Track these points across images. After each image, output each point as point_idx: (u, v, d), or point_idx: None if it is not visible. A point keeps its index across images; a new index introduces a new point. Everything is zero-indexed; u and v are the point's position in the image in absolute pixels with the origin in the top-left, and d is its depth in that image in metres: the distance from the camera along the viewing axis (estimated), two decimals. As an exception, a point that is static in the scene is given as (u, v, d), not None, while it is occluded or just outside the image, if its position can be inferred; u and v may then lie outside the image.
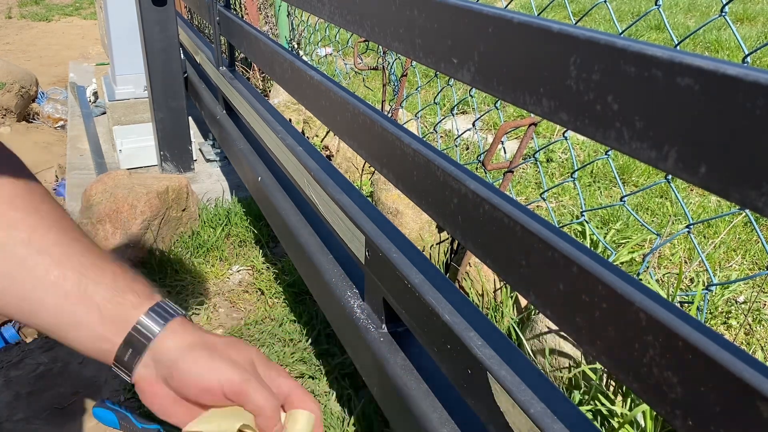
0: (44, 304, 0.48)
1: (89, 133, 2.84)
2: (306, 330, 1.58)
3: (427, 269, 0.79)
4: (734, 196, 0.33)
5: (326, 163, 1.13)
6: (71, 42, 5.59)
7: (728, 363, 0.36)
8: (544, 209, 2.17)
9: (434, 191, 0.70)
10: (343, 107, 0.95)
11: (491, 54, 0.52)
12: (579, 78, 0.42)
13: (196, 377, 0.47)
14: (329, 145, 2.45)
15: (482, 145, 2.68)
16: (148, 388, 0.49)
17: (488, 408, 0.63)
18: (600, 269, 0.46)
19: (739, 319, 1.64)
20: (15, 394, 1.41)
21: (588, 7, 5.95)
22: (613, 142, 0.40)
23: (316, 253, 1.13)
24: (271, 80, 2.55)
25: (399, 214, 1.76)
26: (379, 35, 0.72)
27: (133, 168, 2.49)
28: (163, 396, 0.49)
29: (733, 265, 1.94)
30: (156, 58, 2.21)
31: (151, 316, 0.49)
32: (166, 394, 0.49)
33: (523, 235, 0.54)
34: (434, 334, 0.73)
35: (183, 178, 2.00)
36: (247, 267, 1.89)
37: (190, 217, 1.99)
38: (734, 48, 4.32)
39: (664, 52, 0.35)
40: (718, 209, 2.27)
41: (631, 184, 2.53)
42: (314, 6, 0.94)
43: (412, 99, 3.20)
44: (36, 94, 3.56)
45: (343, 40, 3.74)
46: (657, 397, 0.41)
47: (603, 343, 0.46)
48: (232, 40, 1.78)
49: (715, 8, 5.93)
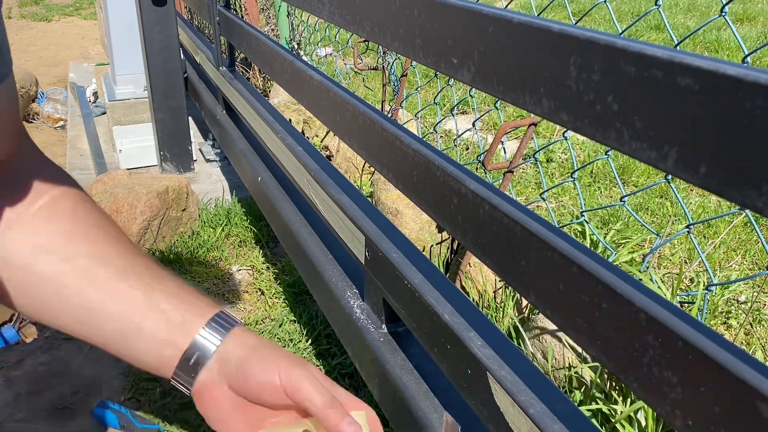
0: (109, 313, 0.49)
1: (89, 133, 2.84)
2: (306, 330, 1.58)
3: (427, 269, 0.79)
4: (734, 196, 0.33)
5: (326, 163, 1.13)
6: (71, 42, 5.59)
7: (728, 363, 0.35)
8: (544, 209, 2.17)
9: (434, 191, 0.70)
10: (343, 107, 0.95)
11: (491, 54, 0.52)
12: (579, 78, 0.42)
13: (259, 373, 0.48)
14: (329, 145, 2.45)
15: (482, 145, 2.68)
16: (209, 393, 0.50)
17: (488, 408, 0.63)
18: (600, 269, 0.46)
19: (739, 319, 1.64)
20: (15, 394, 1.41)
21: (588, 7, 5.95)
22: (613, 142, 0.40)
23: (316, 253, 1.13)
24: (271, 80, 2.55)
25: (399, 214, 1.76)
26: (379, 35, 0.72)
27: (133, 168, 2.49)
28: (223, 401, 0.49)
29: (733, 265, 1.94)
30: (156, 58, 2.21)
31: (216, 322, 0.51)
32: (227, 398, 0.49)
33: (523, 235, 0.54)
34: (434, 334, 0.73)
35: (183, 178, 2.00)
36: (247, 267, 1.89)
37: (190, 217, 1.99)
38: (734, 48, 4.32)
39: (664, 52, 0.35)
40: (718, 209, 2.27)
41: (631, 184, 2.53)
42: (314, 6, 0.94)
43: (412, 99, 3.20)
44: (36, 94, 3.56)
45: (343, 40, 3.74)
46: (657, 397, 0.41)
47: (603, 343, 0.46)
48: (232, 40, 1.78)
49: (715, 8, 5.93)
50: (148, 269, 0.52)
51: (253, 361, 0.49)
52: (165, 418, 1.34)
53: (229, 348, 0.50)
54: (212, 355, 0.49)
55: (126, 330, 0.49)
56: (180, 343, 0.49)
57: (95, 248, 0.51)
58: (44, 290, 0.49)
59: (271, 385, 0.48)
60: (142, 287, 0.50)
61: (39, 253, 0.49)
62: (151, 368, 0.51)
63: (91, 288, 0.49)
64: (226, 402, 0.49)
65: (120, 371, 1.47)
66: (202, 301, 0.52)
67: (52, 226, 0.51)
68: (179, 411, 1.36)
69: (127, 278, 0.50)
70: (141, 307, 0.49)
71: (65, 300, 0.49)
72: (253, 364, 0.48)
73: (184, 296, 0.51)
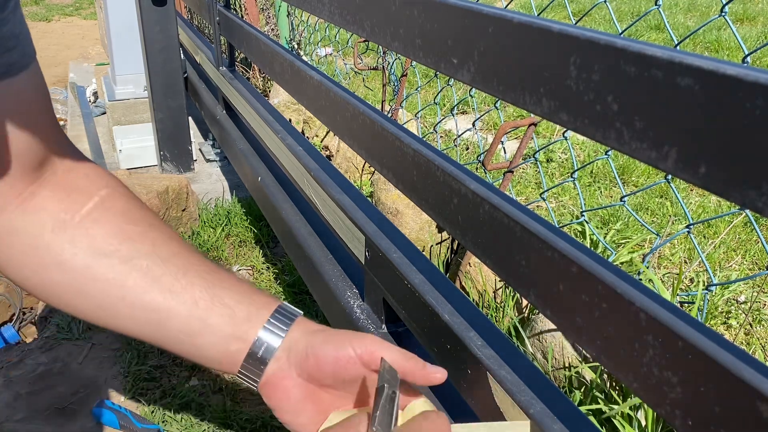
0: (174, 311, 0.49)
1: (89, 133, 2.84)
2: (306, 330, 1.58)
3: (427, 269, 0.79)
4: (734, 196, 0.33)
5: (326, 163, 1.13)
6: (71, 42, 5.59)
7: (728, 363, 0.35)
8: (544, 209, 2.17)
9: (434, 191, 0.70)
10: (343, 107, 0.95)
11: (491, 54, 0.52)
12: (579, 78, 0.42)
13: (332, 349, 0.48)
14: (329, 145, 2.45)
15: (482, 145, 2.68)
16: (279, 384, 0.50)
17: (488, 408, 0.63)
18: (600, 269, 0.46)
19: (739, 319, 1.64)
20: (15, 394, 1.41)
21: (588, 7, 5.95)
22: (613, 142, 0.40)
23: (316, 253, 1.13)
24: (271, 80, 2.55)
25: (399, 214, 1.76)
26: (379, 35, 0.72)
27: (133, 168, 2.49)
28: (294, 391, 0.49)
29: (733, 265, 1.94)
30: (156, 58, 2.21)
31: (280, 313, 0.51)
32: (297, 387, 0.50)
33: (523, 235, 0.54)
34: (434, 334, 0.73)
35: (183, 178, 2.00)
36: (247, 267, 1.89)
37: (190, 217, 1.99)
38: (734, 48, 4.32)
39: (664, 52, 0.35)
40: (718, 209, 2.27)
41: (631, 184, 2.53)
42: (314, 6, 0.94)
43: (412, 99, 3.20)
44: (36, 94, 3.55)
45: (343, 40, 3.74)
46: (657, 397, 0.41)
47: (603, 343, 0.46)
48: (232, 40, 1.78)
49: (715, 8, 5.93)
50: (205, 266, 0.52)
51: (321, 341, 0.49)
52: (165, 418, 1.34)
53: (295, 337, 0.50)
54: (279, 347, 0.50)
55: (192, 327, 0.49)
56: (247, 337, 0.49)
57: (152, 248, 0.51)
58: (104, 293, 0.49)
59: (345, 357, 0.48)
60: (203, 284, 0.50)
61: (96, 256, 0.49)
62: (217, 364, 0.51)
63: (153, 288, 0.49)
64: (296, 391, 0.49)
65: (120, 371, 1.47)
66: (263, 295, 0.53)
67: (107, 228, 0.50)
68: (179, 411, 1.36)
69: (188, 276, 0.50)
70: (205, 304, 0.49)
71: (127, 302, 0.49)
72: (322, 344, 0.49)
73: (245, 291, 0.52)
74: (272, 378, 0.50)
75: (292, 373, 0.50)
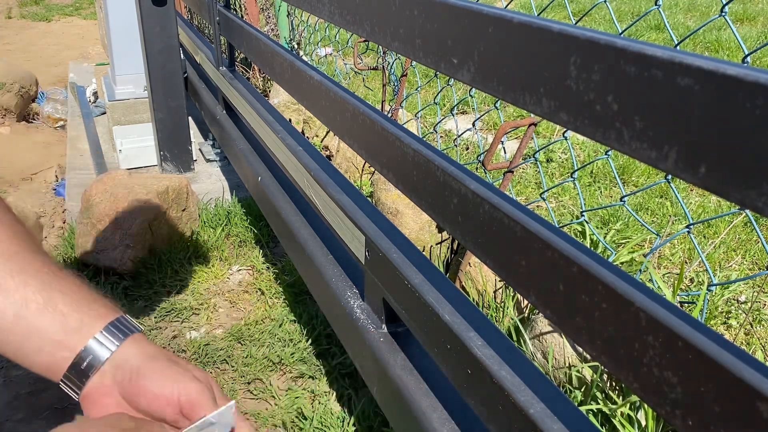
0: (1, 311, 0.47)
1: (89, 133, 2.84)
2: (306, 330, 1.58)
3: (427, 269, 0.79)
4: (734, 196, 0.33)
5: (326, 163, 1.13)
6: (71, 42, 5.59)
7: (728, 363, 0.35)
8: (544, 209, 2.17)
9: (434, 191, 0.70)
10: (343, 107, 0.95)
11: (491, 54, 0.52)
12: (579, 78, 0.42)
13: (157, 384, 0.47)
14: (329, 145, 2.46)
15: (482, 145, 2.68)
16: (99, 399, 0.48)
17: (488, 408, 0.63)
18: (600, 269, 0.46)
19: (739, 319, 1.64)
20: (15, 394, 1.41)
21: (588, 7, 5.95)
22: (613, 142, 0.40)
23: (316, 253, 1.13)
24: (271, 80, 2.55)
25: (399, 214, 1.76)
26: (379, 35, 0.72)
27: (133, 168, 2.49)
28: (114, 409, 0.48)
29: (733, 265, 1.94)
30: (156, 58, 2.21)
31: (115, 326, 0.49)
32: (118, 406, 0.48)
33: (523, 235, 0.54)
34: (434, 335, 0.73)
35: (183, 178, 2.00)
36: (247, 267, 1.89)
37: (190, 217, 1.99)
38: (734, 48, 4.32)
39: (664, 52, 0.35)
40: (718, 209, 2.27)
41: (631, 184, 2.53)
42: (314, 6, 0.94)
43: (412, 99, 3.20)
44: (36, 94, 3.56)
45: (343, 40, 3.74)
46: (657, 397, 0.41)
47: (603, 343, 0.46)
48: (232, 40, 1.78)
49: (715, 8, 5.93)
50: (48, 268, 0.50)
51: (149, 371, 0.48)
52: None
53: (125, 355, 0.48)
54: (105, 361, 0.48)
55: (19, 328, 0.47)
56: (76, 346, 0.48)
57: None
58: None
59: (166, 398, 0.47)
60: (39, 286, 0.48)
61: None
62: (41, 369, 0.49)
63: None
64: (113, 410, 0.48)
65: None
66: (102, 305, 0.51)
67: None
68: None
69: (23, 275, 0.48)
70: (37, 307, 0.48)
71: None
72: (149, 374, 0.48)
73: (84, 298, 0.50)
74: (94, 393, 0.48)
75: (114, 391, 0.48)
